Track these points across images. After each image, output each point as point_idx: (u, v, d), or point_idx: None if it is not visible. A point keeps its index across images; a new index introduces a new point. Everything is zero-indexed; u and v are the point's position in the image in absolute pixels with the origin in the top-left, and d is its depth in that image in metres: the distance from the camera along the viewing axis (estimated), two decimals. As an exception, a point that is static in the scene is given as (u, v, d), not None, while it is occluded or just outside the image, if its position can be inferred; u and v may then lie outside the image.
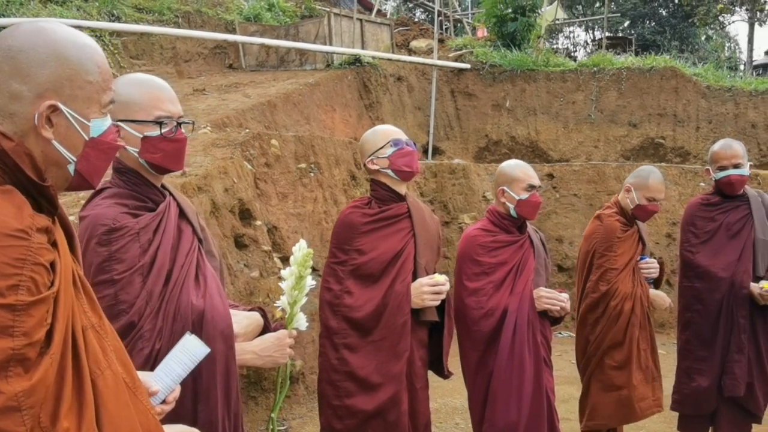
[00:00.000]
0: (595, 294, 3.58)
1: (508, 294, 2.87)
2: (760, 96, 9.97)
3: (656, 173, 3.63)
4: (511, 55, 11.10)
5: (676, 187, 8.09)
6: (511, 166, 3.06)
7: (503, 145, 10.75)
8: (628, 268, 3.58)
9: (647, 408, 3.53)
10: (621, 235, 3.59)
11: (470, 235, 3.01)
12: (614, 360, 3.53)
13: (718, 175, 3.62)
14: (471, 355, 2.90)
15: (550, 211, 8.24)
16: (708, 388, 3.59)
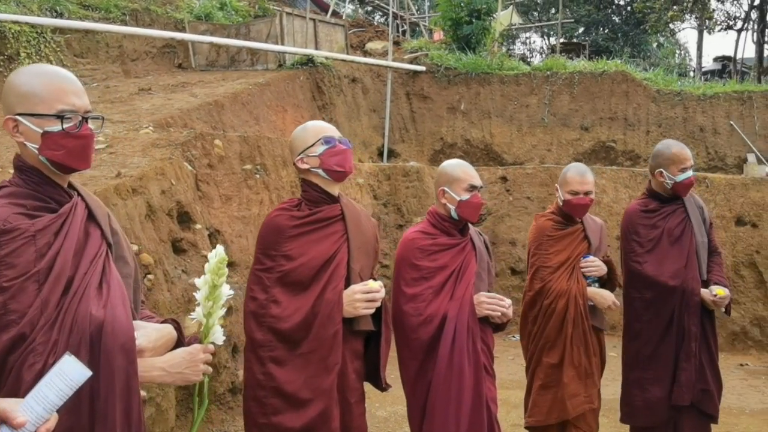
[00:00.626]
0: (531, 292, 3.61)
1: (447, 300, 2.73)
2: (708, 100, 10.14)
3: (575, 167, 3.63)
4: (466, 58, 11.07)
5: (626, 190, 8.15)
6: (452, 166, 2.93)
7: (458, 147, 10.70)
8: (565, 266, 3.54)
9: (578, 405, 3.49)
10: (553, 233, 3.58)
11: (409, 238, 2.87)
12: (550, 357, 3.52)
13: (680, 178, 3.58)
14: (409, 364, 2.76)
15: (504, 214, 8.22)
16: (661, 399, 3.56)
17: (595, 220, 3.76)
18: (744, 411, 5.28)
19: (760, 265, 7.55)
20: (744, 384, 6.10)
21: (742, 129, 9.98)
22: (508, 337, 7.63)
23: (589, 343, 3.53)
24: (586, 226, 3.65)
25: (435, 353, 2.67)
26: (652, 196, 3.72)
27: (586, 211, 3.59)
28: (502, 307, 2.77)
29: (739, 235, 7.67)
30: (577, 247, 3.58)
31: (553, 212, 3.68)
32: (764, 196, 7.75)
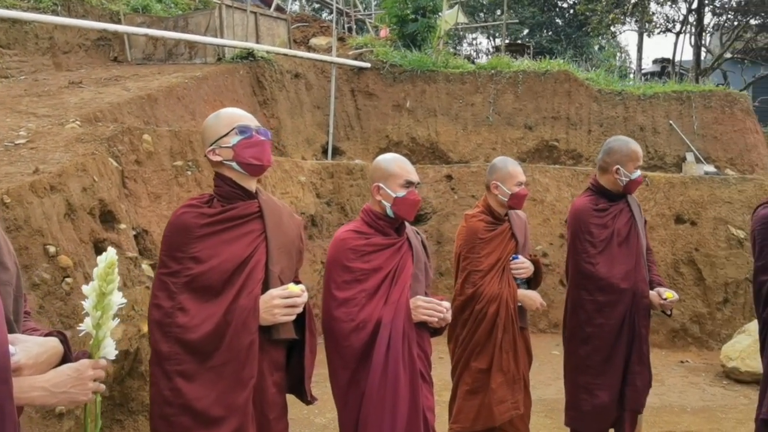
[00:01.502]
0: (462, 297, 3.50)
1: (382, 304, 2.54)
2: (647, 100, 10.29)
3: (510, 160, 3.60)
4: (412, 56, 10.96)
5: (569, 189, 8.17)
6: (387, 161, 2.75)
7: (404, 146, 10.57)
8: (495, 269, 3.47)
9: (505, 411, 3.42)
10: (485, 235, 3.48)
11: (340, 237, 2.67)
12: (479, 362, 3.44)
13: (634, 175, 3.54)
14: (341, 374, 2.56)
15: (449, 213, 8.12)
16: (609, 403, 3.50)
17: (520, 216, 3.68)
18: (685, 409, 5.29)
19: (699, 262, 7.67)
20: (685, 381, 6.15)
21: (681, 128, 10.17)
22: (451, 337, 7.54)
23: (518, 347, 3.48)
24: (512, 224, 3.57)
25: (368, 361, 2.48)
26: (598, 193, 3.64)
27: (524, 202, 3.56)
28: (440, 311, 2.60)
29: (679, 233, 7.77)
30: (506, 247, 3.51)
31: (483, 211, 3.58)
32: (702, 195, 7.87)
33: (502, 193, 3.49)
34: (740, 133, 10.39)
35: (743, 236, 7.66)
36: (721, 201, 7.86)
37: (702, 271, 7.64)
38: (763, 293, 3.26)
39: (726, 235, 7.70)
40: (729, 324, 7.45)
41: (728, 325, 7.44)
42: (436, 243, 8.02)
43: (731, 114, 10.40)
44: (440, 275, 7.87)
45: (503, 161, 3.60)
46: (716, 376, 6.33)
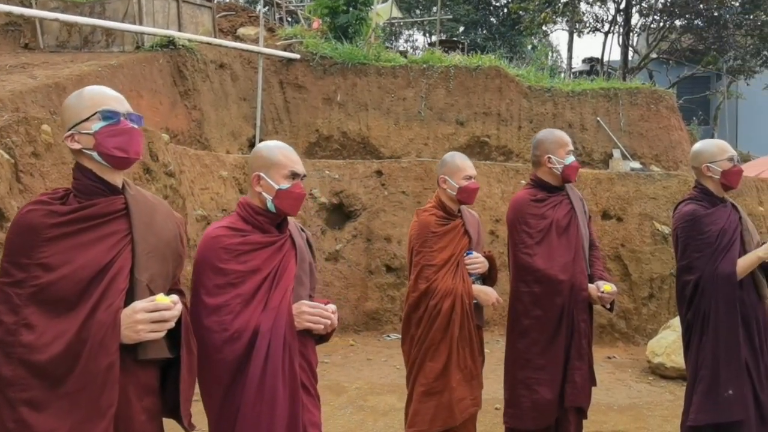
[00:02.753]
0: (415, 293, 3.40)
1: (260, 310, 2.24)
2: (576, 97, 10.37)
3: (458, 154, 3.54)
4: (343, 48, 10.70)
5: (499, 185, 8.09)
6: (270, 148, 2.42)
7: (334, 140, 10.32)
8: (449, 264, 3.37)
9: (465, 409, 3.34)
10: (437, 229, 3.39)
11: (212, 235, 2.30)
12: (435, 362, 3.32)
13: (568, 161, 3.48)
14: (213, 390, 2.25)
15: (379, 209, 7.91)
16: (551, 400, 3.38)
17: (472, 214, 3.61)
18: (612, 407, 5.25)
19: (625, 258, 7.72)
20: (612, 378, 6.13)
21: (608, 125, 10.29)
22: (383, 337, 7.34)
23: (474, 343, 3.39)
24: (465, 220, 3.49)
25: (244, 375, 2.19)
26: (538, 186, 3.56)
27: (476, 196, 3.46)
28: (327, 317, 2.34)
29: (605, 229, 7.81)
30: (459, 243, 3.42)
31: (435, 206, 3.49)
32: (628, 191, 7.93)
33: (450, 187, 3.40)
34: (665, 130, 10.60)
35: (668, 232, 7.75)
36: (646, 197, 7.94)
37: (628, 267, 7.69)
38: (687, 294, 3.26)
39: (651, 231, 7.78)
40: (654, 319, 7.52)
41: (654, 320, 7.51)
42: (365, 240, 7.80)
43: (657, 111, 10.60)
44: (370, 273, 7.66)
45: (451, 155, 3.54)
46: (642, 371, 6.36)
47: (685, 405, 3.31)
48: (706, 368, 3.15)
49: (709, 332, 3.15)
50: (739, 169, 3.31)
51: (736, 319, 3.11)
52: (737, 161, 3.33)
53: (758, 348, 3.15)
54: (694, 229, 3.21)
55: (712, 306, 3.14)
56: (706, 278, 3.15)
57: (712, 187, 3.32)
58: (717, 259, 3.15)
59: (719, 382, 3.10)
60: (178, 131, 8.77)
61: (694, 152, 3.40)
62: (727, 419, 3.10)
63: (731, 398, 3.08)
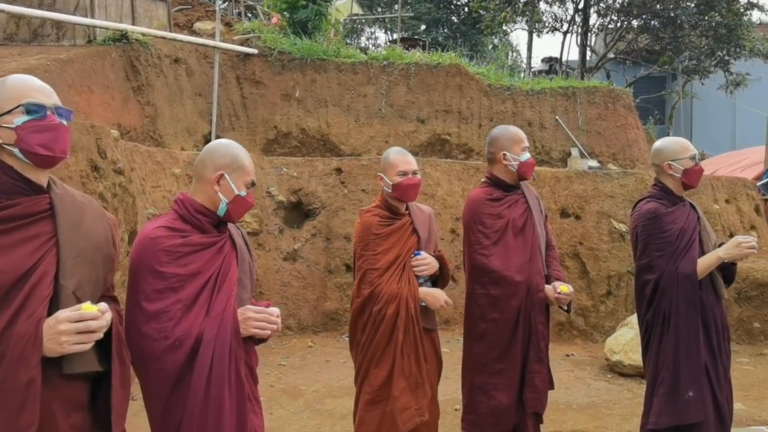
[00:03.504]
0: (359, 299, 3.25)
1: (202, 316, 2.12)
2: (535, 96, 10.41)
3: (395, 149, 3.40)
4: (301, 43, 10.52)
5: (459, 183, 8.06)
6: (237, 150, 2.33)
7: (293, 137, 10.14)
8: (394, 266, 3.22)
9: (409, 419, 3.18)
10: (380, 231, 3.24)
11: (150, 236, 2.16)
12: (379, 369, 3.20)
13: (523, 157, 3.41)
14: (154, 403, 2.13)
15: (338, 208, 7.79)
16: (508, 406, 3.31)
17: (423, 210, 3.46)
18: (571, 406, 5.24)
19: (583, 255, 7.76)
20: (571, 376, 6.14)
21: (567, 124, 10.35)
22: (342, 338, 7.22)
23: (419, 349, 3.23)
24: (414, 218, 3.34)
25: (186, 386, 2.07)
26: (494, 184, 3.49)
27: (417, 192, 3.30)
28: (273, 323, 2.23)
29: (564, 227, 7.84)
30: (407, 243, 3.27)
31: (379, 206, 3.34)
32: (586, 189, 7.98)
33: (386, 185, 3.27)
34: (622, 129, 10.72)
35: (625, 230, 7.82)
36: (603, 195, 8.00)
37: (586, 265, 7.74)
38: (647, 293, 3.23)
39: (609, 229, 7.84)
40: (612, 316, 7.58)
41: (611, 318, 7.57)
42: (325, 239, 7.68)
43: (614, 110, 10.71)
44: (329, 273, 7.54)
45: (388, 151, 3.41)
46: (601, 369, 6.38)
47: (645, 407, 3.29)
48: (667, 370, 3.13)
49: (669, 333, 3.13)
50: (700, 168, 3.30)
51: (696, 319, 3.10)
52: (698, 160, 3.31)
53: (716, 349, 3.15)
54: (655, 227, 3.18)
55: (673, 306, 3.12)
56: (666, 278, 3.13)
57: (672, 186, 3.30)
58: (677, 259, 3.13)
59: (680, 384, 3.09)
60: (131, 127, 8.50)
61: (655, 149, 3.37)
62: (687, 421, 3.09)
63: (691, 400, 3.07)
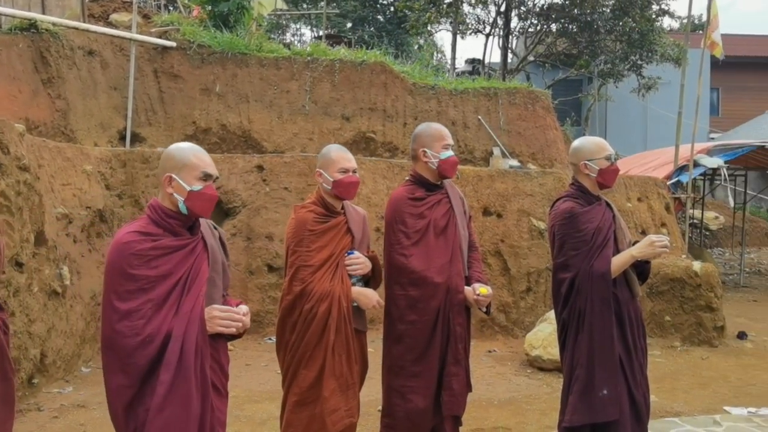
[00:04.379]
0: (289, 296, 3.17)
1: (172, 315, 2.29)
2: (459, 95, 10.52)
3: (336, 146, 3.35)
4: (222, 37, 10.24)
5: (384, 181, 8.04)
6: (183, 149, 2.47)
7: (213, 133, 9.85)
8: (328, 264, 3.17)
9: (339, 420, 3.13)
10: (315, 227, 3.18)
11: (122, 240, 2.32)
12: (309, 369, 3.12)
13: (444, 155, 3.37)
14: (124, 393, 2.27)
15: (260, 206, 7.61)
16: (425, 409, 3.27)
17: (357, 210, 3.42)
18: (492, 402, 5.30)
19: (505, 253, 7.90)
20: (492, 372, 6.22)
21: (489, 124, 10.52)
22: (264, 340, 7.07)
23: (351, 349, 3.19)
24: (349, 217, 3.29)
25: (154, 380, 2.25)
26: (417, 182, 3.45)
27: (356, 191, 3.26)
28: (237, 320, 2.41)
29: (486, 225, 7.95)
30: (341, 242, 3.23)
31: (314, 203, 3.27)
32: (507, 188, 8.12)
33: (325, 181, 3.21)
34: (541, 130, 10.99)
35: (543, 228, 8.01)
36: (524, 194, 8.16)
37: (507, 262, 7.88)
38: (563, 291, 3.25)
39: (528, 227, 8.01)
40: (532, 312, 7.75)
41: (531, 313, 7.73)
42: (246, 239, 7.49)
43: (533, 111, 10.97)
44: (250, 274, 7.35)
45: (328, 148, 3.35)
46: (521, 364, 6.50)
47: (562, 404, 3.33)
48: (582, 367, 3.15)
49: (584, 330, 3.16)
50: (615, 168, 3.35)
51: (611, 317, 3.13)
52: (614, 160, 3.36)
53: (632, 346, 3.19)
54: (571, 226, 3.21)
55: (588, 304, 3.14)
56: (581, 276, 3.16)
57: (588, 185, 3.33)
58: (592, 258, 3.16)
59: (594, 382, 3.11)
60: (40, 122, 8.04)
61: (573, 149, 3.41)
62: (601, 419, 3.11)
63: (606, 398, 3.09)
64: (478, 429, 4.64)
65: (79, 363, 5.94)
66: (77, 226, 6.27)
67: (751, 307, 10.05)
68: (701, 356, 7.04)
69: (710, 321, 7.57)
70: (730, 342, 7.64)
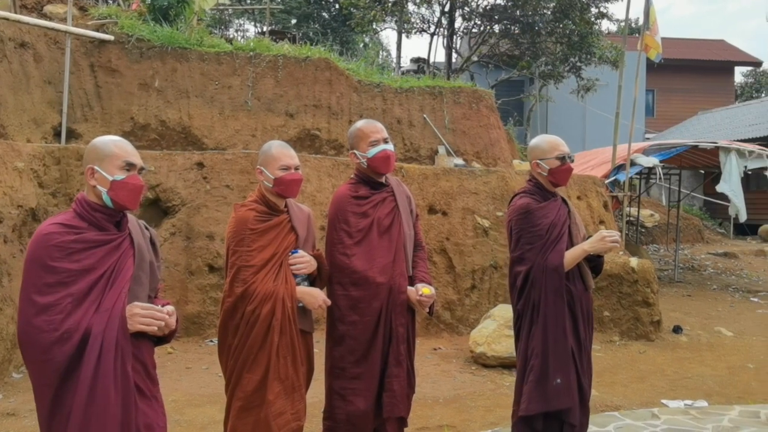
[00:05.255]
0: (231, 298, 3.06)
1: (93, 310, 2.25)
2: (404, 93, 10.53)
3: (277, 143, 3.24)
4: (162, 30, 9.95)
5: (329, 179, 7.96)
6: (104, 141, 2.45)
7: (152, 129, 9.56)
8: (271, 264, 3.07)
9: (285, 424, 3.04)
10: (256, 226, 3.08)
11: (44, 232, 2.28)
12: (253, 373, 3.01)
13: (371, 152, 3.30)
14: (43, 392, 2.23)
15: (200, 205, 7.42)
16: (366, 411, 3.22)
17: (302, 209, 3.33)
18: (438, 400, 5.30)
19: (450, 251, 7.93)
20: (437, 370, 6.23)
21: (434, 122, 10.56)
22: (205, 342, 6.89)
23: (297, 351, 3.10)
24: (292, 215, 3.20)
25: (76, 378, 2.20)
26: (361, 180, 3.40)
27: (299, 188, 3.18)
28: (160, 318, 2.35)
29: (431, 223, 7.97)
30: (284, 241, 3.13)
31: (256, 201, 3.17)
32: (452, 186, 8.16)
33: (266, 179, 3.11)
34: (485, 129, 11.11)
35: (488, 225, 8.09)
36: (468, 192, 8.22)
37: (452, 260, 7.92)
38: (518, 284, 3.34)
39: (473, 225, 8.07)
40: (477, 309, 7.81)
41: (476, 311, 7.79)
42: (185, 239, 7.28)
43: (477, 110, 11.07)
44: (190, 274, 7.16)
45: (269, 144, 3.24)
46: (466, 361, 6.53)
47: (516, 394, 3.39)
48: (537, 357, 3.25)
49: (538, 322, 3.26)
50: (568, 168, 3.42)
51: (564, 308, 3.25)
52: (569, 159, 3.42)
53: (582, 337, 3.32)
54: (527, 221, 3.32)
55: (542, 296, 3.25)
56: (536, 269, 3.27)
57: (543, 182, 3.44)
58: (546, 251, 3.27)
59: (548, 371, 3.22)
60: (-35, 116, 7.64)
61: (529, 147, 3.54)
62: (556, 407, 3.22)
63: (560, 387, 3.20)
64: (423, 428, 4.63)
65: (9, 368, 5.65)
66: (8, 225, 5.97)
67: (685, 302, 10.41)
68: (639, 350, 7.24)
69: (647, 316, 7.79)
70: (666, 336, 7.89)
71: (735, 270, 14.02)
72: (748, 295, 11.26)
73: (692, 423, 4.79)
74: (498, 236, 8.03)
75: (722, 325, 8.71)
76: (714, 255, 15.56)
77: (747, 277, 13.30)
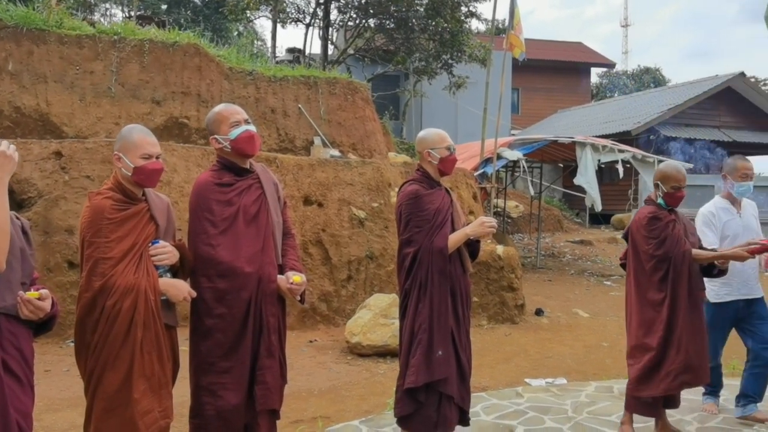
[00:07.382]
0: (88, 293, 2.88)
1: None
2: (278, 82, 10.38)
3: (138, 126, 3.07)
4: (16, 10, 9.17)
5: (198, 169, 7.70)
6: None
7: (5, 116, 8.82)
8: (131, 256, 2.90)
9: (153, 422, 2.90)
10: (113, 215, 2.91)
11: None
12: (116, 371, 2.85)
13: (234, 133, 3.20)
14: None
15: (58, 197, 6.94)
16: (237, 406, 3.13)
17: (161, 197, 3.16)
18: (312, 392, 5.29)
19: (326, 242, 7.94)
20: (313, 362, 6.22)
21: (309, 113, 10.51)
22: (66, 343, 6.46)
23: (162, 346, 2.95)
24: (151, 204, 3.03)
25: None
26: (224, 167, 3.27)
27: (158, 179, 3.02)
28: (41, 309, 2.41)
29: (307, 214, 7.94)
30: (144, 231, 2.96)
31: (112, 189, 2.97)
32: (328, 177, 8.17)
33: (125, 167, 2.93)
34: (361, 121, 11.20)
35: (363, 216, 8.17)
36: (344, 183, 8.26)
37: (329, 251, 7.93)
38: (406, 264, 3.63)
39: (349, 216, 8.12)
40: (353, 300, 7.87)
41: (352, 301, 7.86)
42: (43, 233, 6.78)
43: (353, 102, 11.14)
44: (48, 271, 6.67)
45: (129, 129, 3.02)
46: (342, 352, 6.58)
47: (401, 369, 3.66)
48: (423, 332, 3.55)
49: (425, 300, 3.57)
50: (453, 158, 3.81)
51: (447, 288, 3.59)
52: (453, 151, 3.80)
53: (461, 315, 3.67)
54: (416, 206, 3.63)
55: (428, 276, 3.56)
56: (423, 250, 3.57)
57: (431, 171, 3.78)
58: (433, 234, 3.59)
59: (433, 345, 3.53)
60: None
61: (419, 138, 3.84)
62: (439, 377, 3.53)
63: (441, 358, 3.53)
64: (298, 420, 4.60)
65: None
66: None
67: (546, 286, 11.08)
68: (505, 333, 7.62)
69: (512, 300, 8.21)
70: (529, 318, 8.36)
71: (590, 256, 15.09)
72: (602, 279, 12.18)
73: (553, 399, 5.11)
74: (373, 227, 8.13)
75: (579, 307, 9.36)
76: (572, 243, 16.66)
77: (601, 262, 14.37)
